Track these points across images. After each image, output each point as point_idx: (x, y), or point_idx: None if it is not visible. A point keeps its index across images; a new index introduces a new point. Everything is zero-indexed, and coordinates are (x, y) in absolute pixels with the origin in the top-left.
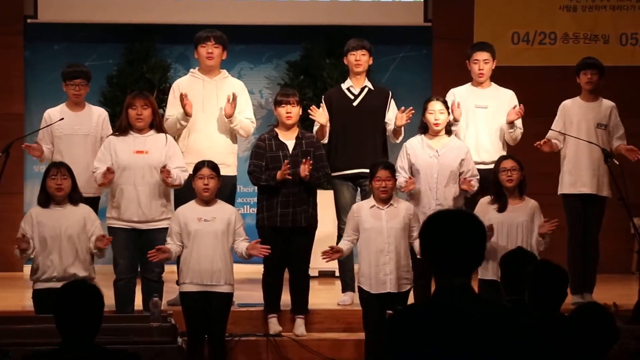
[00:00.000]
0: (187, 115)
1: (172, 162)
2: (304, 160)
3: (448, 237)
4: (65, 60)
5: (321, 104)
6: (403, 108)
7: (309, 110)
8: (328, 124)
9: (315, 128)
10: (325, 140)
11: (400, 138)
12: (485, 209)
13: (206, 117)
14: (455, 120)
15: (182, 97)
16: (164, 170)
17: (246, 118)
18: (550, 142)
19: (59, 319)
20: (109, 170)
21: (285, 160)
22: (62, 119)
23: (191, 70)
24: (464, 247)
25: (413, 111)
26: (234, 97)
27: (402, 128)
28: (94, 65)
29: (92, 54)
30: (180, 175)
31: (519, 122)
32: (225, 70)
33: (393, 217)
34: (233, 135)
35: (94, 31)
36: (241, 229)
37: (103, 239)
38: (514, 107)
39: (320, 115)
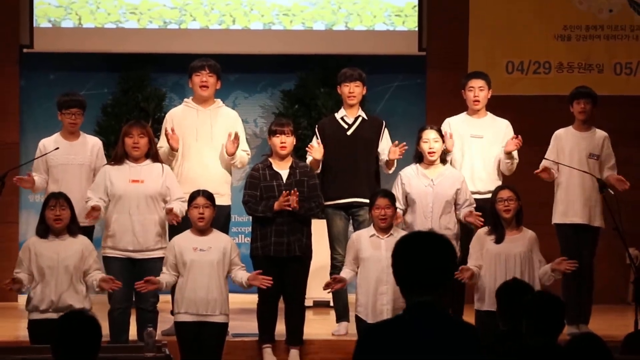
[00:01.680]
0: (172, 150)
1: (172, 194)
2: (292, 191)
3: (413, 257)
4: (61, 90)
5: (315, 134)
6: (397, 142)
7: (306, 148)
8: (321, 156)
9: (309, 159)
10: (319, 170)
11: (393, 169)
12: (482, 240)
13: (200, 146)
14: (448, 150)
15: (167, 132)
16: (171, 214)
17: (241, 150)
18: (548, 170)
19: (57, 349)
20: (94, 209)
21: (284, 192)
22: (57, 148)
23: (185, 99)
24: (427, 267)
25: (406, 147)
26: (236, 136)
27: (395, 161)
28: (89, 95)
29: (87, 83)
30: (182, 208)
31: (515, 153)
32: (219, 100)
33: (392, 246)
34: (227, 165)
35: (89, 60)
36: (237, 258)
37: (108, 282)
38: (512, 138)
39: (316, 151)
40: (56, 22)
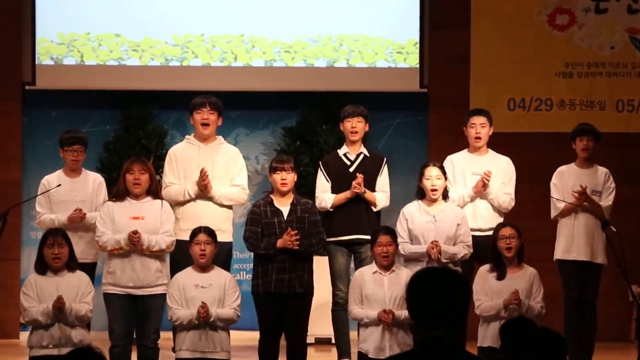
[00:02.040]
0: (203, 191)
1: (162, 227)
2: (287, 230)
3: (427, 291)
4: (63, 127)
5: (319, 169)
6: (358, 174)
7: (354, 185)
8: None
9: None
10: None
11: (379, 207)
12: (484, 277)
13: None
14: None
15: (204, 174)
16: (133, 236)
17: (237, 185)
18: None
19: None
20: (134, 234)
21: (289, 229)
22: (59, 185)
23: (187, 136)
24: (441, 302)
25: (361, 177)
26: (203, 173)
27: (375, 199)
28: (91, 132)
29: (89, 120)
30: (160, 240)
31: (494, 189)
32: (220, 137)
33: (395, 283)
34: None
35: (91, 97)
36: (232, 293)
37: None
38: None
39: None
40: (58, 60)
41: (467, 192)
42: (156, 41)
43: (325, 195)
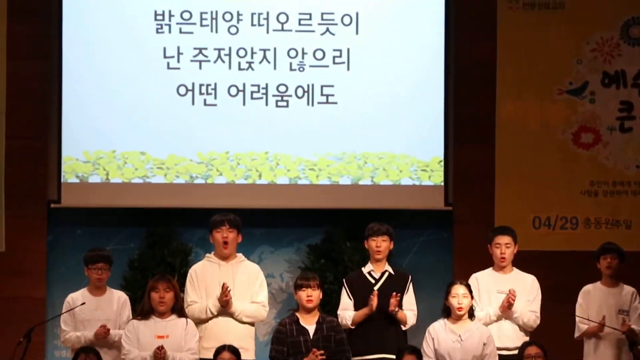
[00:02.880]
0: (225, 307)
1: (186, 345)
2: (312, 350)
3: None
4: (88, 245)
5: (343, 287)
6: (394, 293)
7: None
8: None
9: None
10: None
11: (408, 325)
12: None
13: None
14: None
15: (225, 288)
16: (158, 352)
17: (257, 302)
18: (593, 330)
19: None
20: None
21: (315, 350)
22: (84, 303)
23: (207, 255)
24: None
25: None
26: (224, 288)
27: (406, 317)
28: (115, 249)
29: (113, 238)
30: (185, 359)
31: (519, 308)
32: (241, 254)
33: None
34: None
35: (116, 215)
36: None
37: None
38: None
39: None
40: (84, 178)
41: (493, 311)
42: (181, 159)
43: (346, 313)
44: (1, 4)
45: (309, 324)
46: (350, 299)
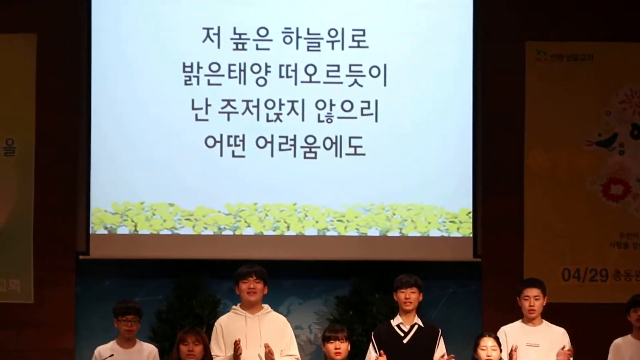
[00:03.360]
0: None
1: None
2: None
3: None
4: (116, 296)
5: (371, 340)
6: (444, 354)
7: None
8: None
9: None
10: None
11: None
12: None
13: (250, 353)
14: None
15: (237, 345)
16: None
17: (290, 355)
18: None
19: None
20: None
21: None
22: (112, 355)
23: (233, 307)
24: None
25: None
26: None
27: None
28: (144, 301)
29: (142, 289)
30: None
31: None
32: (267, 305)
33: None
34: None
35: (144, 266)
36: None
37: None
38: (563, 348)
39: None
40: (112, 229)
41: None
42: (209, 210)
43: None
44: (31, 58)
45: None
46: (377, 352)
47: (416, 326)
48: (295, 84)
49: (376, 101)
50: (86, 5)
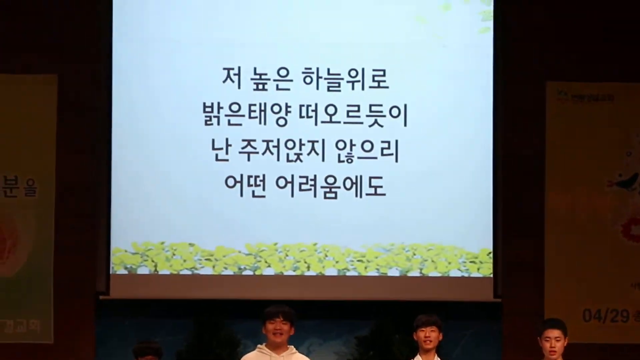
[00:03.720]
0: None
1: None
2: None
3: None
4: (136, 336)
5: None
6: None
7: None
8: None
9: None
10: None
11: None
12: None
13: None
14: None
15: None
16: None
17: None
18: None
19: None
20: None
21: None
22: None
23: (259, 345)
24: None
25: None
26: None
27: None
28: (163, 341)
29: (162, 329)
30: None
31: None
32: (292, 346)
33: None
34: None
35: (164, 306)
36: None
37: None
38: None
39: None
40: (132, 269)
41: None
42: (230, 250)
43: None
44: (52, 99)
45: None
46: None
47: None
48: (316, 124)
49: (396, 141)
50: (108, 46)
